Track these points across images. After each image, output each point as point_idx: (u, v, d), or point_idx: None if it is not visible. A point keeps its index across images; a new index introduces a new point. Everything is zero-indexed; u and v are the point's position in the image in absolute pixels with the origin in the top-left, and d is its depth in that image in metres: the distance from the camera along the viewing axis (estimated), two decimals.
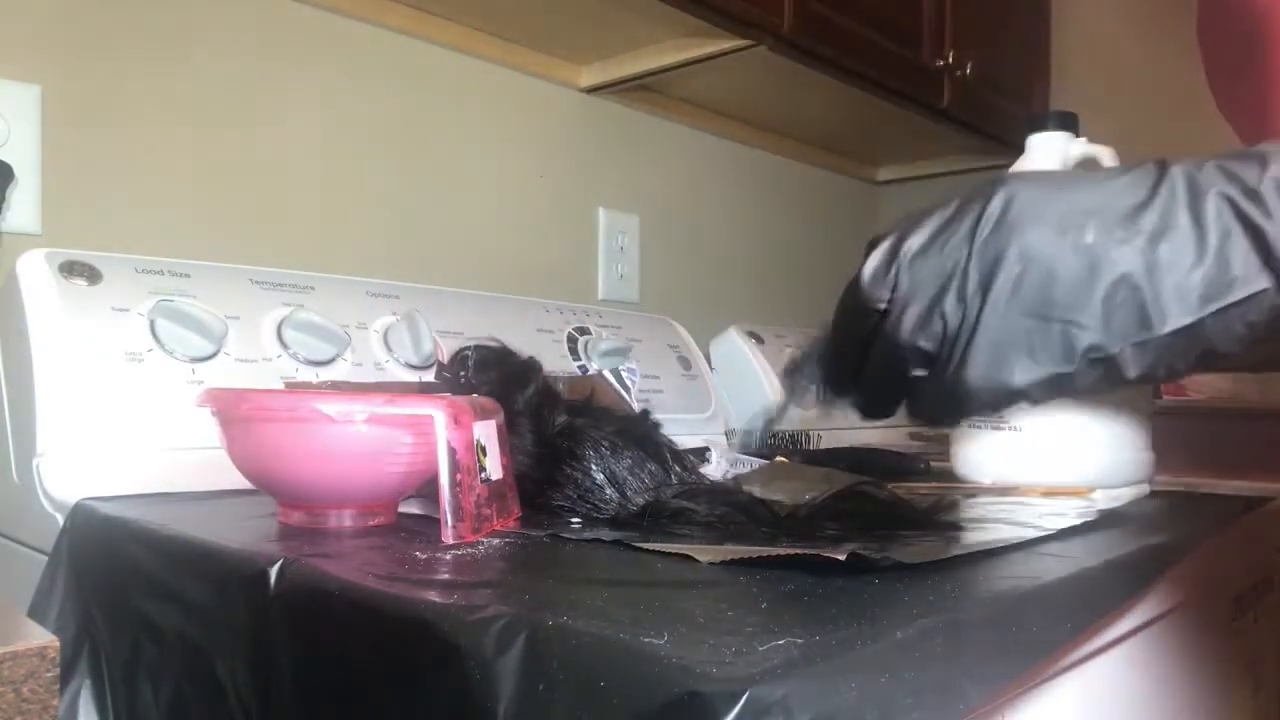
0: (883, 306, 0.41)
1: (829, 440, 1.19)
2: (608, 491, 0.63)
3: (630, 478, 0.63)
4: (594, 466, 0.63)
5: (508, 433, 0.64)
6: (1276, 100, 0.60)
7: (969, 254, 0.39)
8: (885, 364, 0.42)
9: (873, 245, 0.43)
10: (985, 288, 0.39)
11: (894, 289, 0.40)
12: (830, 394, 0.46)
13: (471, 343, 0.75)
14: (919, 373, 0.41)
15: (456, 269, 1.20)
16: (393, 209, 1.17)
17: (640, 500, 0.62)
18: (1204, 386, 1.19)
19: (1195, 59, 0.62)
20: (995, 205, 0.39)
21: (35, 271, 0.73)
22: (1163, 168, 0.39)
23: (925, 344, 0.40)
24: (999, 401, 0.40)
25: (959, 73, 1.50)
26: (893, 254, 0.41)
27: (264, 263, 0.90)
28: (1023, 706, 0.47)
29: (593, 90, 1.38)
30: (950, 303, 0.39)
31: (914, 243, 0.41)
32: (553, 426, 0.67)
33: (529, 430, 0.66)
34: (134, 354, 0.73)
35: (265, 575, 0.48)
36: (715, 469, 0.83)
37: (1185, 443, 0.38)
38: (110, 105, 0.94)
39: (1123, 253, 0.37)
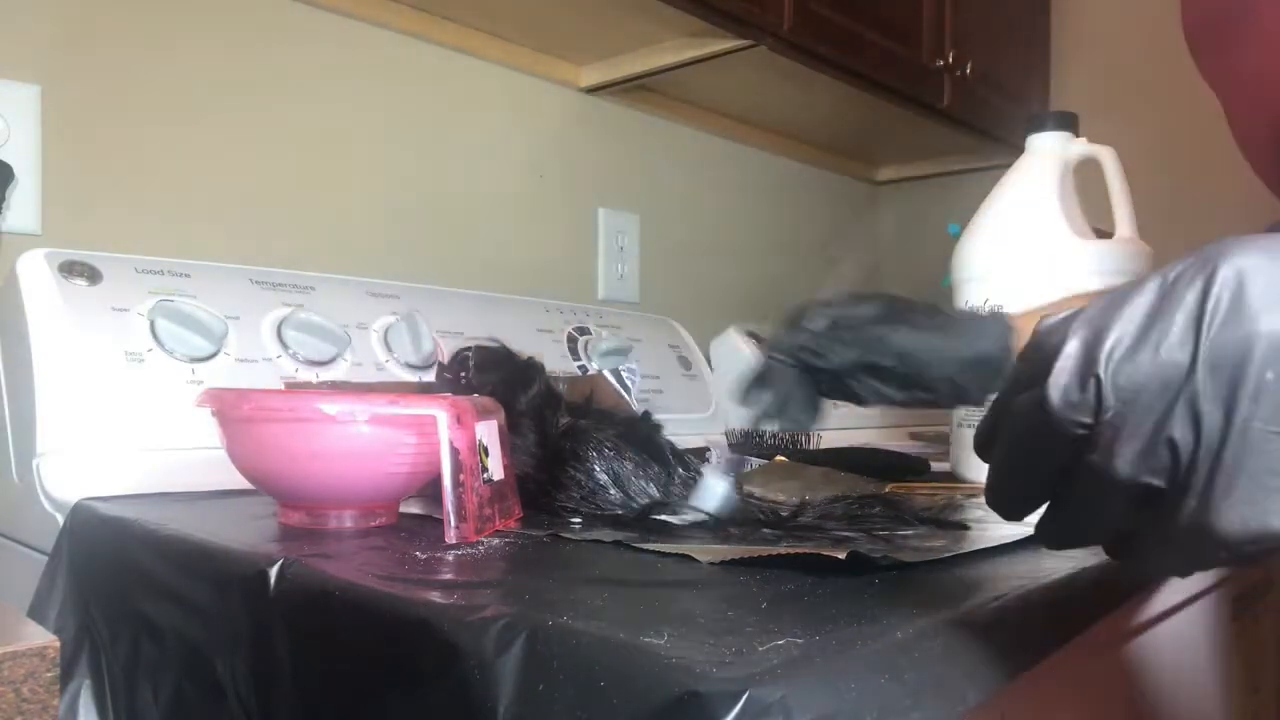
0: (1082, 433, 0.32)
1: (829, 440, 1.19)
2: (611, 493, 0.63)
3: (634, 479, 0.63)
4: (597, 468, 0.63)
5: (510, 433, 0.64)
6: (1271, 67, 0.56)
7: (1194, 354, 0.30)
8: (1091, 503, 0.33)
9: (1046, 342, 0.33)
10: (1227, 400, 0.29)
11: (1097, 409, 0.31)
12: (1007, 514, 0.37)
13: (471, 343, 0.75)
14: (1138, 510, 0.32)
15: (456, 269, 1.20)
16: (393, 209, 1.17)
17: (644, 501, 0.62)
18: None
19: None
20: (1221, 285, 0.30)
21: (35, 271, 0.73)
22: None
23: (1149, 479, 0.31)
24: (1258, 547, 0.31)
25: (959, 73, 1.50)
26: (1088, 360, 0.31)
27: (264, 263, 0.90)
28: (1022, 707, 0.47)
29: (593, 90, 1.38)
30: (1179, 423, 0.30)
31: (1115, 343, 0.31)
32: (556, 427, 0.67)
33: (532, 431, 0.66)
34: (134, 354, 0.73)
35: (265, 575, 0.48)
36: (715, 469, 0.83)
37: None
38: (110, 105, 0.94)
39: None
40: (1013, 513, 0.36)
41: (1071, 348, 0.32)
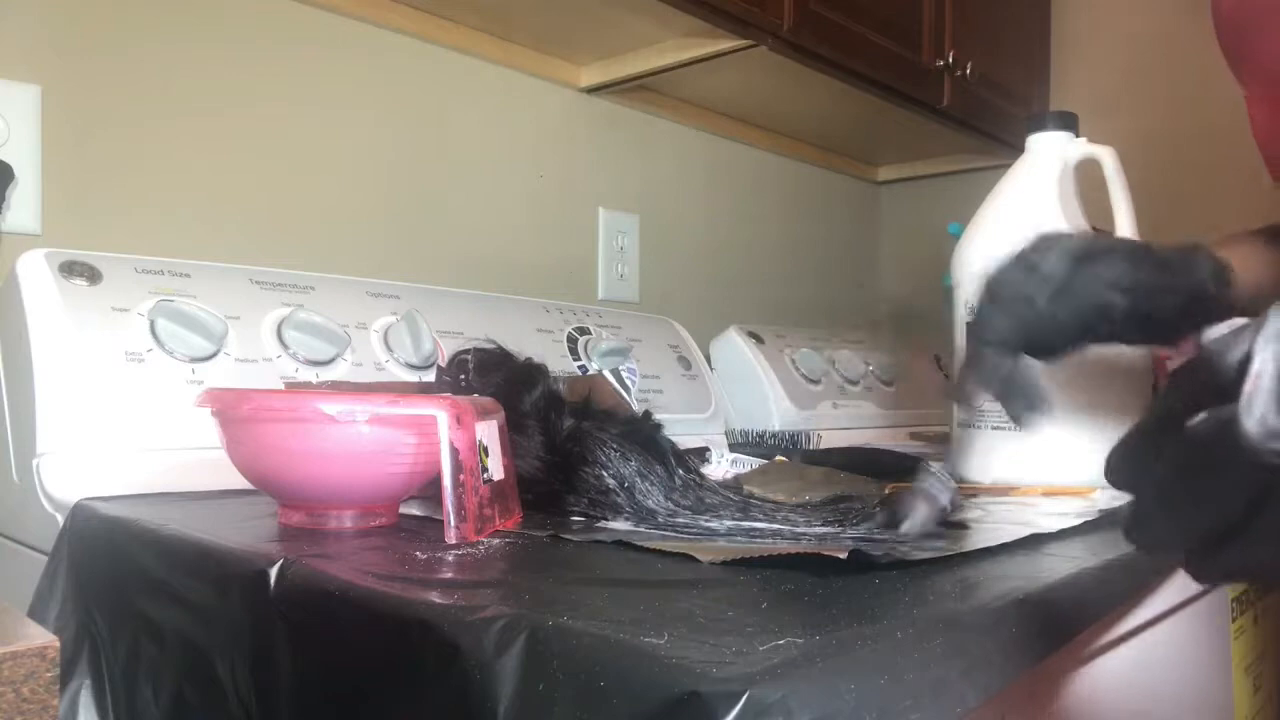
0: None
1: (829, 440, 1.19)
2: (618, 496, 0.63)
3: (639, 480, 0.63)
4: (604, 471, 0.63)
5: (514, 435, 0.64)
6: None
7: None
8: None
9: (1221, 360, 0.29)
10: None
11: None
12: (1160, 549, 0.34)
13: (470, 345, 0.75)
14: None
15: (456, 269, 1.20)
16: (393, 209, 1.17)
17: (648, 503, 0.62)
18: None
19: (1194, 59, 0.61)
20: None
21: (35, 271, 0.73)
22: None
23: None
24: None
25: (959, 73, 1.50)
26: None
27: (264, 263, 0.90)
28: (1022, 707, 0.47)
29: (593, 90, 1.38)
30: None
31: None
32: (561, 431, 0.67)
33: (537, 433, 0.66)
34: (134, 354, 0.73)
35: (265, 575, 0.48)
36: (715, 469, 0.83)
37: None
38: (110, 105, 0.94)
39: None
40: (1167, 547, 0.33)
41: (1264, 365, 0.28)
